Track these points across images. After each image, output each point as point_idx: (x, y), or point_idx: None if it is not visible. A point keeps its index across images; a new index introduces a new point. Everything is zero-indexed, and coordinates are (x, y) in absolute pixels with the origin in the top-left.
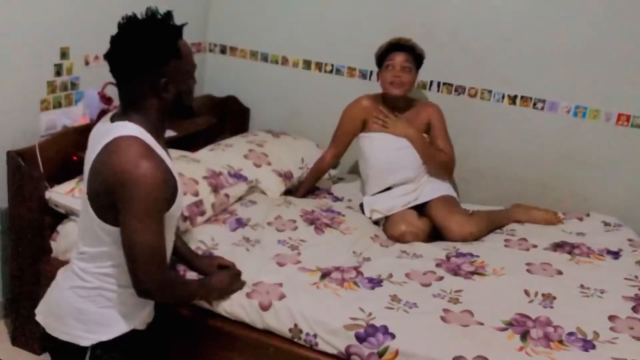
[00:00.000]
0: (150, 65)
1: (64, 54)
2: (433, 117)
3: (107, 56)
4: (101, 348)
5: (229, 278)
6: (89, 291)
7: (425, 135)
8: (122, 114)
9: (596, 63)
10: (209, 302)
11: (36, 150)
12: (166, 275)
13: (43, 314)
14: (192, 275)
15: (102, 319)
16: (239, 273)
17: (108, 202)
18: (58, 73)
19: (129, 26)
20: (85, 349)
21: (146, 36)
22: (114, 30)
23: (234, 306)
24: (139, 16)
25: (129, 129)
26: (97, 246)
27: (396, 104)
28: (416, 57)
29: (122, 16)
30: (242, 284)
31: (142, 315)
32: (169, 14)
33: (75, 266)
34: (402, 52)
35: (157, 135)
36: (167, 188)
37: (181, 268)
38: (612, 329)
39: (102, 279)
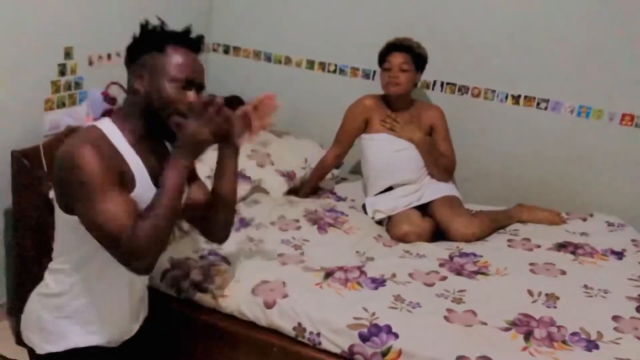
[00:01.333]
0: (135, 52)
1: (67, 54)
2: (436, 120)
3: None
4: (54, 359)
5: (196, 123)
6: (47, 298)
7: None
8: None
9: (600, 63)
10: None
11: (40, 150)
12: (140, 236)
13: (22, 317)
14: None
15: (56, 329)
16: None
17: (59, 186)
18: (62, 73)
19: (140, 27)
20: (41, 357)
21: (143, 31)
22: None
23: (238, 304)
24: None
25: (96, 122)
26: (57, 242)
27: (398, 104)
28: (415, 57)
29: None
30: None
31: (107, 332)
32: (200, 37)
33: (46, 271)
34: (400, 52)
35: (138, 136)
36: (112, 170)
37: None
38: (615, 329)
39: (59, 286)
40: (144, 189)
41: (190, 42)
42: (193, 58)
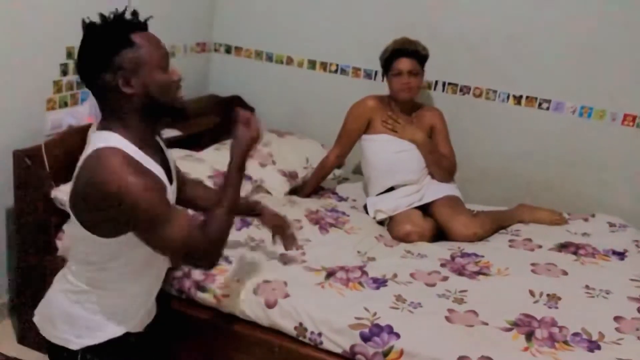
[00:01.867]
0: (100, 58)
1: (70, 54)
2: (436, 122)
3: (76, 68)
4: (91, 352)
5: (243, 131)
6: (78, 295)
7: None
8: (102, 122)
9: (602, 63)
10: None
11: (42, 149)
12: (208, 239)
13: (39, 316)
14: None
15: (91, 323)
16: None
17: (98, 217)
18: (64, 72)
19: (84, 31)
20: (76, 352)
21: (95, 33)
22: None
23: (240, 303)
24: (95, 21)
25: (107, 139)
26: (84, 250)
27: (403, 107)
28: (422, 60)
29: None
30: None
31: (135, 318)
32: (134, 13)
33: (67, 269)
34: (408, 57)
35: (142, 140)
36: (159, 190)
37: None
38: (617, 329)
39: (91, 283)
40: (170, 191)
41: (143, 23)
42: (153, 35)
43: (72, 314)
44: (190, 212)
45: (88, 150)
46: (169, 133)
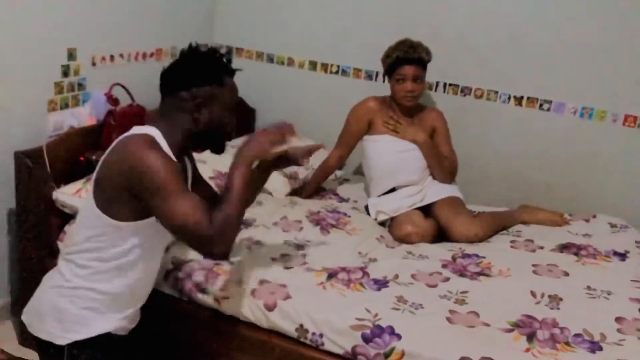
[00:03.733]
0: (188, 81)
1: (71, 55)
2: (437, 123)
3: (162, 74)
4: (77, 347)
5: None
6: (69, 291)
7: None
8: (152, 122)
9: (603, 64)
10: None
11: (43, 150)
12: (217, 225)
13: (27, 314)
14: None
15: (79, 318)
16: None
17: (117, 194)
18: (65, 74)
19: (189, 51)
20: (62, 348)
21: (198, 59)
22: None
23: (240, 305)
24: (202, 48)
25: (146, 129)
26: (85, 247)
27: (404, 108)
28: (425, 64)
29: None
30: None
31: (120, 320)
32: (228, 53)
33: (60, 266)
34: (412, 64)
35: (178, 151)
36: (177, 172)
37: None
38: (618, 330)
39: (86, 278)
40: None
41: (233, 70)
42: (235, 83)
43: (61, 310)
44: None
45: (121, 138)
46: None
